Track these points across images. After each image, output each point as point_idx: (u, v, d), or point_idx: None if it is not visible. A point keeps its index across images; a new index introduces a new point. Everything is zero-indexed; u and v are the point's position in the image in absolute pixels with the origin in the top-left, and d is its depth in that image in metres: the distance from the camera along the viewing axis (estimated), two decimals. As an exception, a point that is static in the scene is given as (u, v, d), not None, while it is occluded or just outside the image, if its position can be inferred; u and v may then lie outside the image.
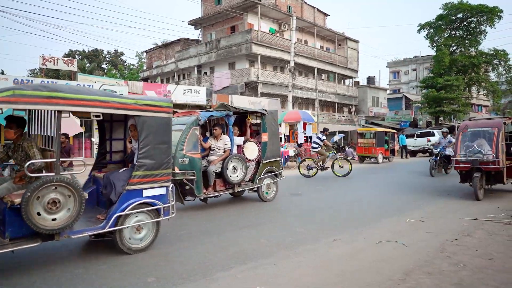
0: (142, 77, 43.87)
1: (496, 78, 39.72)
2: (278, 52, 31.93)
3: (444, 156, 14.33)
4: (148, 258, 4.83)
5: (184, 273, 4.30)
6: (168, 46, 41.96)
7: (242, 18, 32.27)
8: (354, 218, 7.26)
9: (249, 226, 6.56)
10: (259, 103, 27.48)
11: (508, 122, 10.17)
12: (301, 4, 37.86)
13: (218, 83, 31.72)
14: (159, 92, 24.00)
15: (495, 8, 35.01)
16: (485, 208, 8.17)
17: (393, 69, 60.02)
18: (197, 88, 26.37)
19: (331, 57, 38.72)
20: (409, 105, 46.20)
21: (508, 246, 5.27)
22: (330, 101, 37.42)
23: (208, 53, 33.92)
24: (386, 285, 3.94)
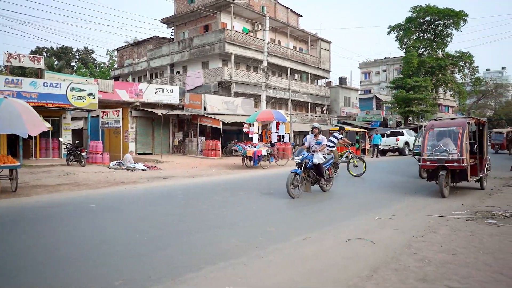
0: (113, 76, 43.00)
1: (462, 80, 41.15)
2: (251, 51, 31.97)
3: (312, 167, 9.60)
4: (116, 260, 4.72)
5: (153, 274, 4.23)
6: (140, 44, 41.28)
7: (215, 17, 32.12)
8: (325, 216, 7.36)
9: (221, 226, 6.53)
10: (232, 102, 27.44)
11: (472, 122, 10.54)
12: (274, 4, 38.04)
13: (191, 82, 31.46)
14: (131, 91, 23.59)
15: (461, 12, 36.29)
16: (450, 205, 8.44)
17: (364, 70, 61.24)
18: (170, 87, 26.08)
19: (304, 58, 39.09)
20: (379, 105, 47.25)
21: (470, 242, 5.46)
22: (303, 101, 37.78)
23: (181, 52, 33.59)
24: (353, 282, 4.00)
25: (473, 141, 10.79)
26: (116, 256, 4.88)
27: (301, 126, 33.15)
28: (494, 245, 5.28)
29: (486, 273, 4.23)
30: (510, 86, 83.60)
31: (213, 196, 9.82)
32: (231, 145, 25.44)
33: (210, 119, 24.47)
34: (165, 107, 24.70)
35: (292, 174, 9.14)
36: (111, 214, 7.69)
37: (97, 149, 19.43)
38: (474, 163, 10.32)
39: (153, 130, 25.25)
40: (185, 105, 26.20)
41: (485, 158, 10.98)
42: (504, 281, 3.99)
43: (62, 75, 23.92)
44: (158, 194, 10.26)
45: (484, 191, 10.59)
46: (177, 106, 25.85)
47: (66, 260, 4.73)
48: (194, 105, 25.59)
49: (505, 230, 6.14)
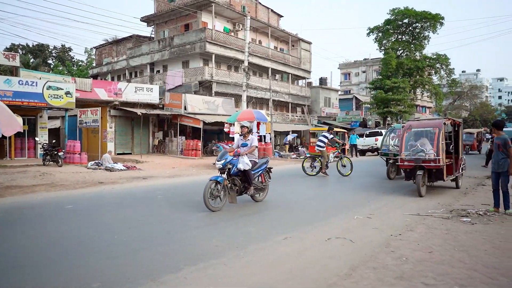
0: (91, 74, 42.26)
1: (438, 81, 42.09)
2: (232, 51, 31.91)
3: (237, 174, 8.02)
4: (94, 262, 4.65)
5: (131, 276, 4.18)
6: (119, 42, 40.69)
7: (196, 16, 31.93)
8: (305, 216, 7.40)
9: (201, 226, 6.50)
10: (213, 102, 27.34)
11: (447, 123, 10.79)
12: (255, 5, 38.07)
13: (171, 82, 31.19)
14: (110, 90, 23.23)
15: (437, 15, 37.12)
16: (427, 203, 8.62)
17: (344, 70, 61.95)
18: (150, 87, 25.79)
19: (285, 58, 39.26)
20: (359, 106, 47.88)
21: (446, 240, 5.59)
22: (284, 101, 37.94)
23: (161, 51, 33.27)
24: (332, 281, 4.04)
25: (449, 141, 11.04)
26: (93, 257, 4.80)
27: (282, 126, 33.28)
28: (468, 243, 5.42)
29: (461, 270, 4.34)
30: (484, 88, 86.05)
31: (193, 196, 9.75)
32: (212, 145, 25.34)
33: (190, 119, 24.32)
34: (145, 106, 24.41)
35: (211, 182, 7.52)
36: (89, 215, 7.55)
37: (74, 149, 19.05)
38: (450, 162, 10.57)
39: (133, 129, 24.93)
40: (165, 105, 25.95)
41: (460, 158, 11.26)
42: (478, 278, 4.10)
43: (38, 73, 23.35)
44: (137, 195, 10.14)
45: (460, 190, 10.85)
46: (157, 106, 25.59)
47: (42, 262, 4.62)
48: (175, 104, 25.38)
49: (479, 228, 6.31)
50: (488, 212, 7.44)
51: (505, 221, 6.75)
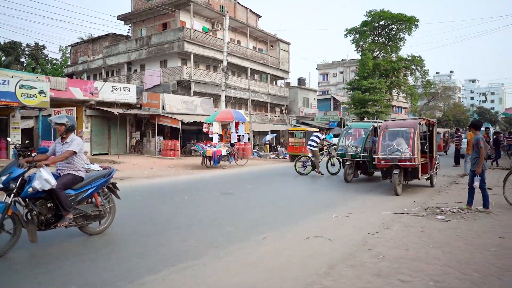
0: (66, 73, 41.28)
1: (414, 82, 42.97)
2: (211, 51, 31.76)
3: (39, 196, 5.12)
4: (69, 264, 4.54)
5: (109, 279, 4.11)
6: (96, 41, 39.89)
7: (174, 15, 31.64)
8: (284, 215, 7.44)
9: (180, 227, 6.44)
10: (191, 102, 27.16)
11: (422, 123, 11.04)
12: (234, 4, 38.00)
13: (149, 81, 30.80)
14: (85, 89, 22.75)
15: (412, 17, 37.91)
16: (403, 202, 8.80)
17: (322, 71, 62.53)
18: (127, 86, 25.38)
19: (264, 58, 39.34)
20: (337, 106, 48.44)
21: (421, 237, 5.72)
22: (263, 101, 38.02)
23: (138, 50, 32.81)
24: (311, 280, 4.08)
25: (423, 141, 11.30)
26: (69, 260, 4.69)
27: (260, 126, 33.33)
28: (442, 240, 5.56)
29: (436, 266, 4.45)
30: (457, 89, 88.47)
31: (172, 196, 9.68)
32: (190, 145, 25.13)
33: (168, 119, 24.08)
34: (122, 106, 24.02)
35: None
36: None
37: (49, 149, 18.57)
38: (425, 162, 10.82)
39: (109, 129, 24.49)
40: (143, 104, 25.61)
41: (434, 157, 11.55)
42: (452, 274, 4.21)
43: (10, 71, 22.62)
44: (114, 196, 9.95)
45: (434, 188, 11.12)
46: (135, 105, 25.22)
47: (13, 265, 4.49)
48: (152, 104, 25.07)
49: (452, 225, 6.48)
50: (461, 209, 7.65)
51: (477, 218, 6.96)
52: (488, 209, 7.52)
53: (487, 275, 4.16)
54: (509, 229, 6.16)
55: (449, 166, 17.56)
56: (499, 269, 4.34)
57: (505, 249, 5.08)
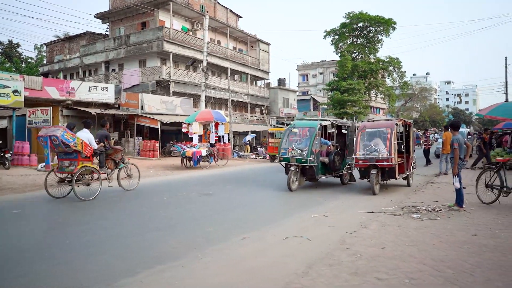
0: (42, 72, 40.30)
1: (391, 83, 43.74)
2: (191, 51, 31.56)
3: None
4: (44, 268, 4.44)
5: (85, 281, 4.04)
6: (72, 39, 39.10)
7: (153, 14, 31.30)
8: (264, 216, 7.47)
9: (159, 228, 6.38)
10: (171, 102, 26.93)
11: (399, 123, 11.26)
12: (214, 4, 37.88)
13: (128, 81, 30.36)
14: (62, 88, 22.25)
15: (390, 20, 38.63)
16: (380, 201, 8.95)
17: (302, 72, 62.98)
18: (105, 86, 24.96)
19: (244, 58, 39.35)
20: (316, 107, 48.88)
21: (398, 236, 5.83)
22: (243, 102, 38.01)
23: (116, 49, 32.31)
24: (290, 279, 4.11)
25: (400, 141, 11.52)
26: (44, 263, 4.59)
27: (240, 127, 33.33)
28: (418, 238, 5.68)
29: (411, 264, 4.55)
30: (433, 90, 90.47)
31: (150, 197, 9.58)
32: (170, 146, 24.92)
33: (147, 119, 23.80)
34: (100, 106, 23.61)
35: None
36: (39, 219, 7.21)
37: (23, 150, 18.08)
38: (402, 162, 11.04)
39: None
40: (121, 104, 25.24)
41: (411, 157, 11.78)
42: (427, 271, 4.31)
43: (-18, 70, 21.97)
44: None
45: (411, 187, 11.35)
46: (113, 105, 24.83)
47: None
48: (131, 104, 24.73)
49: (428, 223, 6.63)
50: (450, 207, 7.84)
51: (451, 217, 7.14)
52: (462, 208, 7.72)
53: (460, 272, 4.27)
54: (482, 227, 6.34)
55: (420, 165, 17.97)
56: (472, 265, 4.47)
57: (478, 246, 5.23)
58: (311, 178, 11.30)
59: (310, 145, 10.53)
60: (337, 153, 11.62)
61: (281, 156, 11.07)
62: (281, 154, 11.09)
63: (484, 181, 8.38)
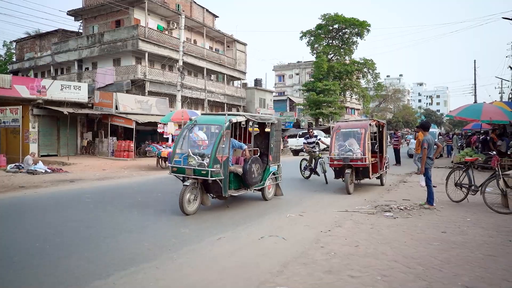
0: (11, 70, 39.05)
1: (366, 85, 44.54)
2: (166, 50, 31.22)
3: None
4: (12, 272, 4.31)
5: (56, 285, 3.94)
6: (44, 37, 38.02)
7: (128, 12, 30.80)
8: (239, 216, 7.45)
9: (132, 230, 6.29)
10: (146, 102, 26.57)
11: (373, 124, 11.48)
12: (190, 3, 37.61)
13: (101, 80, 29.77)
14: (32, 87, 21.61)
15: (364, 22, 39.33)
16: (355, 200, 9.10)
17: (279, 72, 63.28)
18: (77, 84, 24.40)
19: (220, 58, 39.22)
20: (292, 107, 49.21)
21: (371, 234, 5.94)
22: (219, 102, 37.89)
23: (90, 47, 31.62)
24: (264, 278, 4.12)
25: (374, 141, 11.74)
26: (12, 268, 4.45)
27: (217, 127, 33.14)
28: (390, 236, 5.81)
29: (384, 261, 4.64)
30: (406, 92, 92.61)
31: (124, 199, 9.42)
32: (145, 146, 24.58)
33: (122, 119, 23.40)
34: (72, 105, 23.06)
35: None
36: (7, 222, 6.97)
37: (-9, 150, 17.49)
38: (375, 161, 11.25)
39: (59, 130, 23.42)
40: (94, 104, 24.72)
41: (384, 157, 12.01)
42: (398, 268, 4.41)
43: None
44: (63, 199, 9.54)
45: (384, 187, 11.57)
46: (86, 105, 24.30)
47: None
48: (105, 103, 24.25)
49: (400, 222, 6.79)
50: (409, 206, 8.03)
51: (422, 215, 7.33)
52: (432, 206, 7.94)
53: (429, 268, 4.39)
54: (451, 224, 6.53)
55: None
56: (441, 262, 4.60)
57: (446, 243, 5.39)
58: (218, 195, 8.10)
59: (214, 150, 7.38)
60: (255, 160, 8.49)
61: (174, 166, 7.77)
62: (174, 162, 7.79)
63: (454, 180, 8.65)
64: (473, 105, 19.18)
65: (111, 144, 23.41)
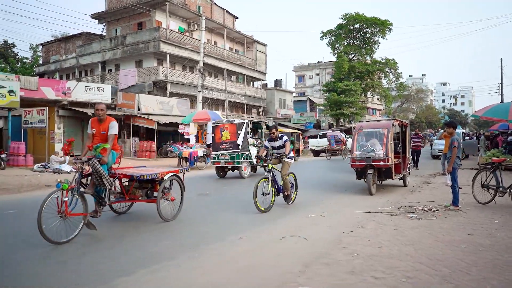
0: (37, 72, 40.17)
1: (388, 85, 43.90)
2: (187, 51, 31.55)
3: None
4: (37, 267, 4.41)
5: (80, 281, 4.01)
6: (68, 40, 39.01)
7: (149, 15, 31.26)
8: (260, 216, 7.43)
9: (153, 228, 6.35)
10: (167, 102, 26.89)
11: (396, 124, 11.28)
12: (210, 5, 37.89)
13: (124, 81, 30.31)
14: (58, 89, 22.16)
15: (386, 21, 38.76)
16: (377, 201, 8.95)
17: (299, 73, 63.06)
18: (101, 86, 24.89)
19: (240, 59, 39.36)
20: (313, 108, 48.95)
21: (394, 235, 5.83)
22: (239, 102, 38.02)
23: (113, 49, 32.24)
24: (286, 278, 4.09)
25: (397, 142, 11.54)
26: (35, 262, 4.56)
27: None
28: (414, 237, 5.68)
29: (408, 263, 4.54)
30: (429, 92, 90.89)
31: (147, 198, 9.51)
32: (166, 146, 24.89)
33: (144, 120, 23.76)
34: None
35: None
36: (32, 219, 7.14)
37: (19, 150, 17.99)
38: (398, 162, 11.05)
39: (83, 130, 23.91)
40: (117, 105, 25.18)
41: (407, 158, 11.80)
42: (423, 270, 4.31)
43: (-23, 70, 21.86)
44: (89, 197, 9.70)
45: (407, 188, 11.36)
46: (109, 106, 24.75)
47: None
48: (127, 105, 24.68)
49: (424, 223, 6.64)
50: (434, 208, 7.85)
51: (447, 216, 7.15)
52: (457, 207, 7.74)
53: (456, 270, 4.27)
54: (478, 226, 6.35)
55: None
56: (468, 264, 4.47)
57: (474, 246, 5.24)
58: None
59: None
60: None
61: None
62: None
63: (480, 181, 8.41)
64: (500, 104, 18.61)
65: (134, 144, 23.79)
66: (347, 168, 13.68)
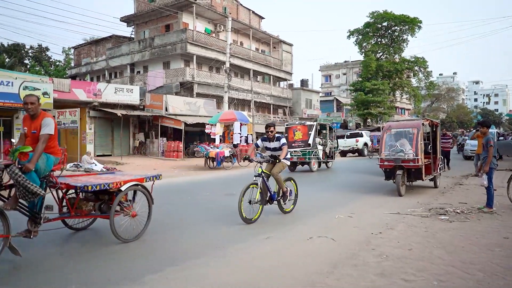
0: (69, 75, 41.46)
1: (417, 84, 42.91)
2: (213, 52, 31.82)
3: None
4: (72, 264, 4.54)
5: (111, 277, 4.10)
6: (99, 42, 40.09)
7: (176, 17, 31.73)
8: (286, 216, 7.41)
9: (181, 227, 6.43)
10: (194, 103, 27.20)
11: (426, 123, 11.00)
12: (236, 6, 38.09)
13: (152, 83, 30.89)
14: (89, 90, 22.83)
15: (415, 19, 37.89)
16: (406, 203, 8.75)
17: (325, 72, 62.53)
18: (130, 87, 25.46)
19: (266, 60, 39.37)
20: (340, 107, 48.43)
21: (425, 237, 5.68)
22: (266, 103, 38.04)
23: (141, 52, 32.90)
24: (313, 278, 4.05)
25: (427, 142, 11.26)
26: (67, 259, 4.69)
27: (263, 128, 33.33)
28: (446, 240, 5.52)
29: (439, 266, 4.42)
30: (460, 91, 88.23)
31: (173, 197, 9.67)
32: (193, 146, 25.19)
33: (171, 120, 24.13)
34: (125, 107, 24.09)
35: None
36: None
37: (52, 150, 18.62)
38: (429, 162, 10.77)
39: (113, 131, 24.55)
40: (146, 106, 25.67)
41: (438, 158, 11.48)
42: (456, 273, 4.18)
43: (14, 73, 22.75)
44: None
45: (438, 189, 11.05)
46: (138, 107, 25.29)
47: (14, 264, 4.49)
48: (155, 105, 25.13)
49: (456, 225, 6.44)
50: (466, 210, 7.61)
51: (481, 219, 6.91)
52: (492, 209, 7.47)
53: (491, 275, 4.12)
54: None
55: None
56: (504, 269, 4.30)
57: (510, 249, 5.04)
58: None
59: None
60: None
61: None
62: None
63: (516, 183, 8.09)
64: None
65: (161, 144, 24.20)
66: (376, 169, 13.44)
